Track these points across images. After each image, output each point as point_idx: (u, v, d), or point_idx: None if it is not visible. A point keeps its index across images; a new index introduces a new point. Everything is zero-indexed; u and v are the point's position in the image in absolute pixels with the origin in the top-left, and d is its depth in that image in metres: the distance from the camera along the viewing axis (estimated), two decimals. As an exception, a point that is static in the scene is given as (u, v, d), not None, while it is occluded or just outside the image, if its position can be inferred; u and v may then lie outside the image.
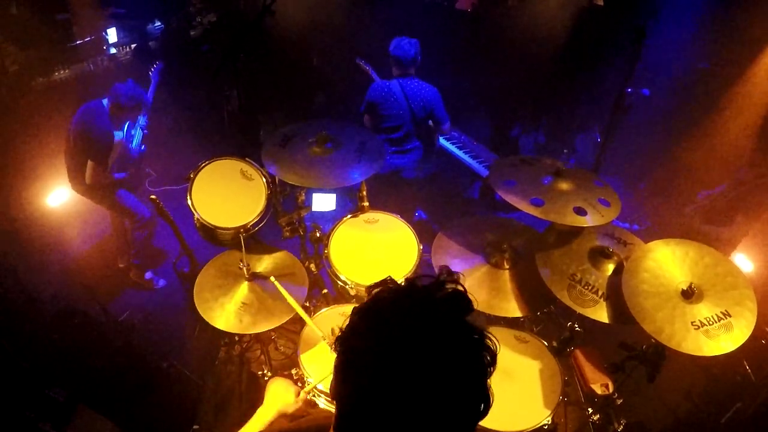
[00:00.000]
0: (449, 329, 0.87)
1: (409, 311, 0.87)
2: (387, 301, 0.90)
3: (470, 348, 0.88)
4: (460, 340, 0.87)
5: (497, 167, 3.15)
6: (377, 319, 0.89)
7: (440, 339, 0.85)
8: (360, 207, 3.05)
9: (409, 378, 0.82)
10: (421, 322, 0.86)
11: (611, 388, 2.55)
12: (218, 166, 2.83)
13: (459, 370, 0.85)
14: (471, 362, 0.88)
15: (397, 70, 3.80)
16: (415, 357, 0.83)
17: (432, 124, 3.97)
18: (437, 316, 0.87)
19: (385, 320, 0.88)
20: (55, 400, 2.75)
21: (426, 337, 0.84)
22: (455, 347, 0.86)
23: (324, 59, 5.82)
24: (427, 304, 0.89)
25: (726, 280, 2.26)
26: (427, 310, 0.87)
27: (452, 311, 0.89)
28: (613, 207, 2.47)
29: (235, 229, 2.73)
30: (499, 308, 2.55)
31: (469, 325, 0.89)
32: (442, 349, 0.84)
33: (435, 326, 0.86)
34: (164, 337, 3.63)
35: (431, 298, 0.89)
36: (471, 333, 0.88)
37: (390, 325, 0.86)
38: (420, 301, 0.89)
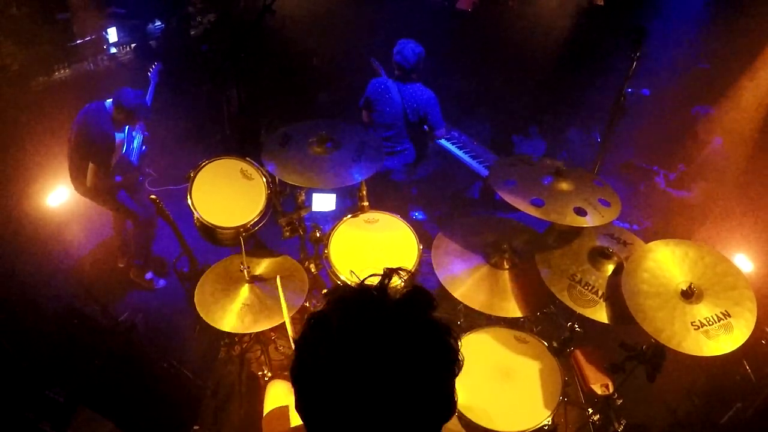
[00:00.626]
0: (404, 335, 0.82)
1: (358, 320, 0.83)
2: (337, 311, 0.86)
3: (430, 352, 0.84)
4: (418, 344, 0.83)
5: (497, 167, 3.15)
6: (326, 331, 0.84)
7: (395, 346, 0.81)
8: (360, 207, 3.05)
9: (363, 389, 0.79)
10: (372, 331, 0.82)
11: (611, 389, 2.55)
12: (218, 165, 2.83)
13: (418, 374, 0.82)
14: (431, 366, 0.84)
15: (398, 72, 3.81)
16: (367, 368, 0.79)
17: (427, 129, 3.98)
18: (391, 322, 0.83)
19: (334, 331, 0.83)
20: (54, 401, 2.74)
21: (378, 346, 0.80)
22: (412, 353, 0.82)
23: (324, 59, 5.82)
24: (380, 310, 0.84)
25: (726, 280, 2.26)
26: (379, 317, 0.83)
27: (410, 313, 0.85)
28: (613, 207, 2.47)
29: (235, 228, 2.73)
30: (499, 308, 2.55)
31: (430, 326, 0.85)
32: (397, 356, 0.80)
33: (388, 334, 0.82)
34: (164, 337, 3.63)
35: (384, 303, 0.86)
36: (431, 335, 0.85)
37: (339, 337, 0.82)
38: (372, 309, 0.85)
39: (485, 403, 2.28)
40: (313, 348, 0.85)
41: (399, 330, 0.83)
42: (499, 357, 2.51)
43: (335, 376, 0.81)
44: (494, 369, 2.45)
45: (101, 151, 3.55)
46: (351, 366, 0.80)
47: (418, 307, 0.86)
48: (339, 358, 0.81)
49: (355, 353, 0.80)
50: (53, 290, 3.78)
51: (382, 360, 0.80)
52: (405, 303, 0.86)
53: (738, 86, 3.96)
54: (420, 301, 0.87)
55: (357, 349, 0.81)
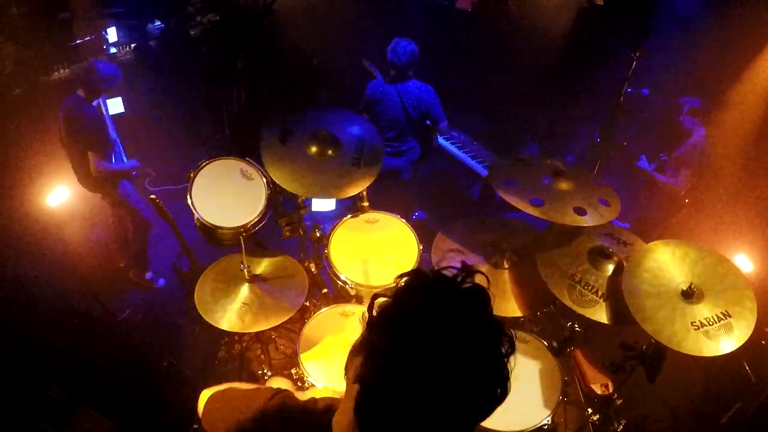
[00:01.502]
0: (473, 320, 0.93)
1: (439, 302, 0.92)
2: (419, 291, 0.95)
3: (491, 337, 0.94)
4: (483, 329, 0.93)
5: (497, 167, 3.15)
6: (410, 307, 0.93)
7: (465, 328, 0.91)
8: (360, 207, 3.05)
9: (435, 363, 0.87)
10: (448, 312, 0.91)
11: (611, 389, 2.55)
12: (218, 165, 2.83)
13: (481, 357, 0.92)
14: (492, 350, 0.93)
15: (393, 71, 3.80)
16: (442, 344, 0.88)
17: (429, 124, 3.98)
18: (463, 307, 0.93)
19: (417, 308, 0.92)
20: (54, 400, 2.74)
21: (452, 327, 0.90)
22: (478, 336, 0.92)
23: (324, 59, 5.82)
24: (455, 296, 0.94)
25: (726, 280, 2.26)
26: (454, 302, 0.93)
27: (475, 304, 0.95)
28: (613, 207, 2.47)
29: (235, 229, 2.73)
30: (499, 308, 2.55)
31: (490, 316, 0.96)
32: (466, 337, 0.90)
33: (461, 317, 0.92)
34: (164, 337, 3.63)
35: (458, 290, 0.95)
36: (492, 324, 0.95)
37: (422, 314, 0.91)
38: (448, 293, 0.94)
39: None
40: (398, 325, 0.92)
41: (472, 317, 0.93)
42: (499, 357, 2.50)
43: (416, 351, 0.88)
44: (494, 369, 2.45)
45: (94, 135, 3.57)
46: (432, 343, 0.88)
47: (482, 300, 0.97)
48: (423, 336, 0.89)
49: (437, 333, 0.89)
50: (53, 290, 3.77)
51: (458, 341, 0.89)
52: (472, 294, 0.97)
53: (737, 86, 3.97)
54: (484, 295, 0.98)
55: (439, 330, 0.89)
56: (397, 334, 0.91)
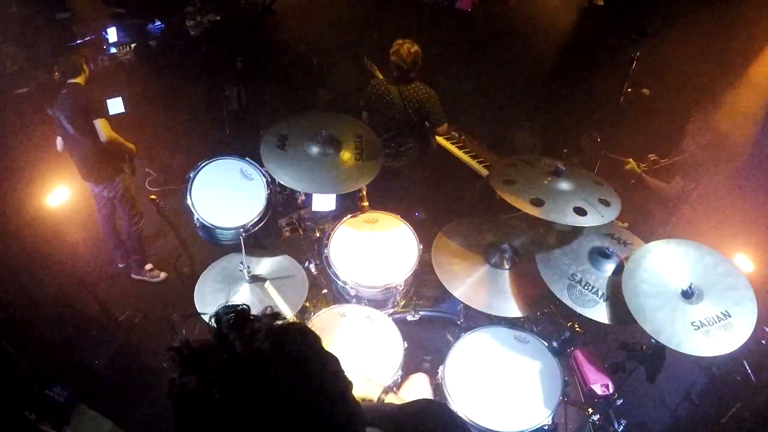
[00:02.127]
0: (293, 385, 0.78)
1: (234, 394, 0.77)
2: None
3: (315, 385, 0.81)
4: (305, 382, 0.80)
5: (497, 167, 3.15)
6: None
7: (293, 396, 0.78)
8: (360, 207, 3.05)
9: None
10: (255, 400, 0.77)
11: (611, 389, 2.55)
12: (218, 165, 2.83)
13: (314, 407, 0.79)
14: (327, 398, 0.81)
15: (396, 72, 3.80)
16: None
17: (429, 125, 3.98)
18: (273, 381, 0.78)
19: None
20: (55, 400, 2.75)
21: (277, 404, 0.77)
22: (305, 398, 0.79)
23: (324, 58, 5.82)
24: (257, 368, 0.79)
25: (726, 280, 2.26)
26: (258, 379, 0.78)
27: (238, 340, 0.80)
28: (613, 207, 2.47)
29: (235, 229, 2.73)
30: (499, 308, 2.55)
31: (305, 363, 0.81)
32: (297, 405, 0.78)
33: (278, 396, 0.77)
34: (164, 337, 3.63)
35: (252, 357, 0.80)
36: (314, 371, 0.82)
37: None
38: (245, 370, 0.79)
39: (485, 403, 2.29)
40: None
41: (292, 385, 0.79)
42: (499, 357, 2.51)
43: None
44: (494, 369, 2.45)
45: (97, 100, 3.71)
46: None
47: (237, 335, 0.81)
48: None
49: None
50: (53, 290, 3.78)
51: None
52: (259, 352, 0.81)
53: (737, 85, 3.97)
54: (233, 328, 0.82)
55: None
56: None
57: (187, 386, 0.81)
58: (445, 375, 2.40)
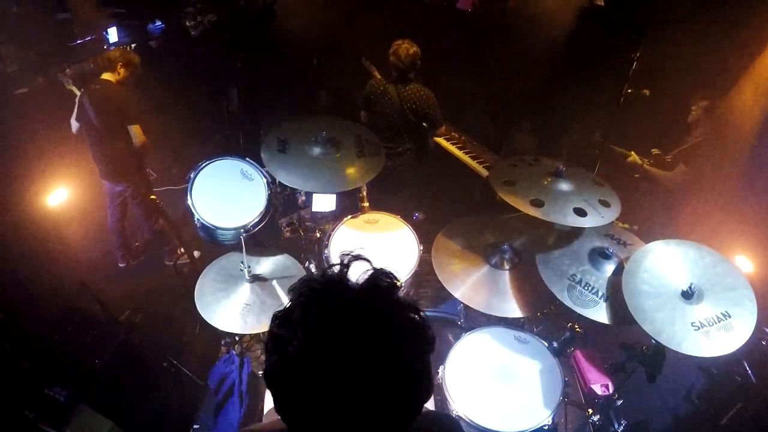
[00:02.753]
0: (368, 321, 0.83)
1: (320, 313, 0.84)
2: (298, 306, 0.87)
3: (397, 333, 0.84)
4: (385, 329, 0.84)
5: (497, 167, 3.15)
6: (290, 329, 0.85)
7: (361, 334, 0.82)
8: (360, 207, 3.06)
9: (337, 383, 0.80)
10: (335, 321, 0.82)
11: (611, 389, 2.55)
12: (218, 166, 2.83)
13: (390, 359, 0.83)
14: (400, 346, 0.84)
15: (395, 73, 3.80)
16: (336, 360, 0.80)
17: (426, 126, 3.98)
18: (354, 310, 0.84)
19: (298, 328, 0.83)
20: (55, 400, 2.74)
21: (343, 336, 0.81)
22: (380, 338, 0.83)
23: (324, 58, 5.82)
24: (341, 298, 0.86)
25: (726, 280, 2.26)
26: (341, 306, 0.84)
27: (372, 297, 0.86)
28: (613, 207, 2.48)
29: (235, 229, 2.73)
30: (499, 308, 2.55)
31: (394, 308, 0.86)
32: (364, 344, 0.81)
33: (352, 322, 0.82)
34: (164, 337, 3.63)
35: (344, 290, 0.87)
36: (397, 318, 0.86)
37: (304, 332, 0.83)
38: (332, 298, 0.86)
39: (485, 403, 2.29)
40: (281, 348, 0.84)
41: (363, 316, 0.83)
42: (499, 357, 2.51)
43: (308, 374, 0.81)
44: (494, 369, 2.45)
45: (135, 108, 3.76)
46: (321, 360, 0.80)
47: (379, 290, 0.87)
48: (307, 354, 0.81)
49: (321, 347, 0.81)
50: (53, 290, 3.78)
51: (350, 350, 0.81)
52: (366, 288, 0.87)
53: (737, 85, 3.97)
54: (381, 283, 0.88)
55: (323, 343, 0.81)
56: (285, 356, 0.83)
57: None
58: (445, 375, 2.40)
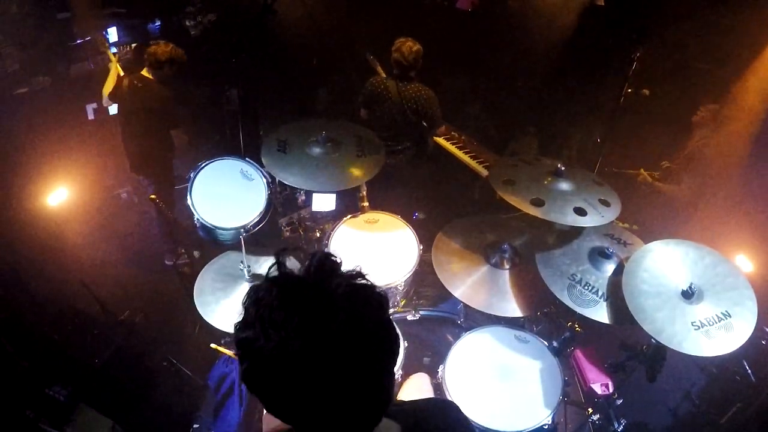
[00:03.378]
0: (321, 298, 0.86)
1: (280, 298, 0.89)
2: (256, 301, 0.93)
3: (349, 301, 0.86)
4: (334, 300, 0.86)
5: (497, 167, 3.15)
6: (257, 322, 0.89)
7: (317, 310, 0.84)
8: (360, 207, 3.06)
9: (311, 367, 0.83)
10: (295, 304, 0.86)
11: (611, 388, 2.55)
12: (218, 166, 2.83)
13: (363, 361, 0.85)
14: (374, 352, 0.87)
15: (396, 70, 3.80)
16: (306, 344, 0.82)
17: (426, 126, 3.98)
18: (307, 292, 0.87)
19: (263, 319, 0.88)
20: (55, 399, 2.74)
21: (305, 318, 0.84)
22: (333, 312, 0.84)
23: (324, 58, 5.82)
24: (296, 284, 0.90)
25: (726, 280, 2.26)
26: (298, 289, 0.88)
27: (322, 277, 0.88)
28: (613, 207, 2.48)
29: (235, 229, 2.73)
30: (499, 308, 2.55)
31: (342, 278, 0.88)
32: (324, 320, 0.83)
33: (307, 304, 0.85)
34: (164, 337, 3.63)
35: (295, 277, 0.91)
36: (346, 286, 0.87)
37: (269, 321, 0.87)
38: (287, 285, 0.90)
39: (485, 403, 2.29)
40: (248, 350, 0.89)
41: (308, 297, 0.86)
42: (499, 357, 2.51)
43: (276, 366, 0.84)
44: (494, 369, 2.45)
45: (176, 113, 3.76)
46: (282, 348, 0.83)
47: (323, 269, 0.90)
48: (270, 346, 0.84)
49: (279, 335, 0.84)
50: (53, 290, 3.78)
51: (305, 332, 0.83)
52: (310, 271, 0.90)
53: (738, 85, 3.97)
54: (324, 263, 0.90)
55: (279, 330, 0.84)
56: (262, 347, 0.87)
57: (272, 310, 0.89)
58: (445, 375, 2.40)
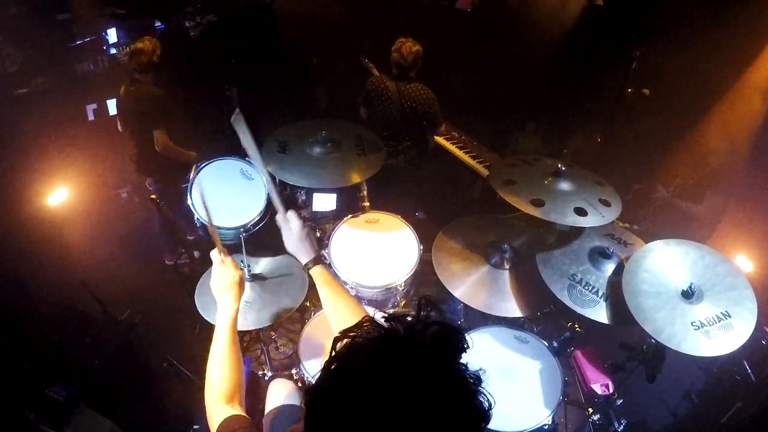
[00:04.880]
0: (439, 383, 0.77)
1: (390, 366, 0.77)
2: (363, 354, 0.80)
3: (464, 402, 0.80)
4: (452, 394, 0.78)
5: (497, 167, 3.15)
6: (353, 378, 0.79)
7: (431, 396, 0.76)
8: (360, 207, 3.06)
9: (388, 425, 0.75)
10: (405, 378, 0.76)
11: (611, 388, 2.55)
12: (218, 166, 2.83)
13: (445, 419, 0.77)
14: (465, 417, 0.80)
15: (396, 70, 3.81)
16: (393, 409, 0.75)
17: (426, 125, 3.98)
18: (425, 368, 0.77)
19: (363, 379, 0.77)
20: (55, 400, 2.74)
21: (413, 396, 0.75)
22: (447, 404, 0.77)
23: (324, 58, 5.82)
24: (412, 354, 0.78)
25: (726, 280, 2.26)
26: (412, 362, 0.77)
27: (441, 356, 0.79)
28: (613, 207, 2.48)
29: (235, 228, 2.73)
30: (499, 308, 2.55)
31: (461, 373, 0.80)
32: (433, 408, 0.76)
33: (423, 382, 0.76)
34: (164, 337, 3.63)
35: (416, 345, 0.80)
36: (464, 383, 0.80)
37: (368, 386, 0.77)
38: (403, 352, 0.79)
39: (485, 403, 2.28)
40: (336, 400, 0.79)
41: (428, 383, 0.77)
42: (499, 357, 2.51)
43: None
44: (494, 369, 2.45)
45: (159, 113, 3.80)
46: (387, 423, 0.75)
47: (450, 348, 0.81)
48: (364, 413, 0.76)
49: (391, 408, 0.75)
50: (53, 290, 3.77)
51: (423, 415, 0.76)
52: (436, 345, 0.81)
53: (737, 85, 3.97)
54: (452, 339, 0.82)
55: (394, 403, 0.75)
56: (339, 414, 0.78)
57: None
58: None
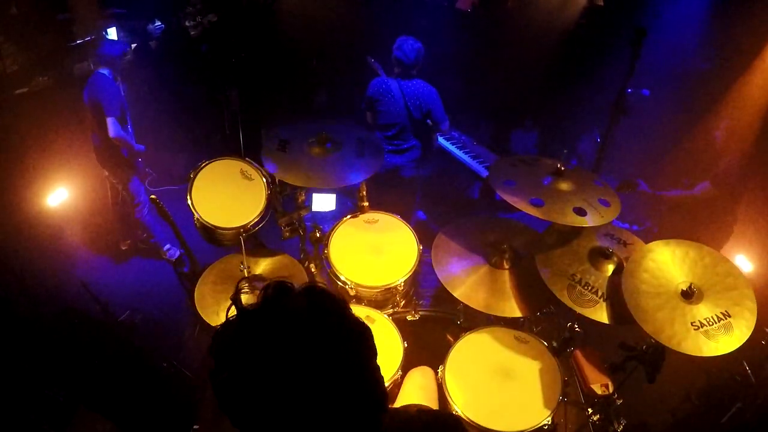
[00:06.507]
0: (316, 334, 0.88)
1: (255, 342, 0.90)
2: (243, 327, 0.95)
3: (344, 341, 0.90)
4: (331, 338, 0.89)
5: (497, 167, 3.15)
6: (232, 358, 0.92)
7: (295, 350, 0.86)
8: (360, 207, 3.05)
9: (293, 396, 0.85)
10: (273, 342, 0.87)
11: (611, 389, 2.55)
12: (218, 166, 2.83)
13: (340, 369, 0.87)
14: (349, 356, 0.90)
15: (398, 69, 3.81)
16: (290, 374, 0.85)
17: (431, 124, 3.98)
18: (303, 324, 0.89)
19: (239, 356, 0.90)
20: (55, 401, 2.75)
21: (282, 354, 0.86)
22: (327, 350, 0.87)
23: (324, 58, 5.82)
24: (289, 314, 0.91)
25: (726, 280, 2.26)
26: (291, 321, 0.89)
27: (315, 311, 0.91)
28: (613, 207, 2.47)
29: (235, 229, 2.73)
30: (499, 308, 2.55)
31: (334, 317, 0.92)
32: (298, 360, 0.86)
33: (284, 341, 0.87)
34: (164, 337, 3.63)
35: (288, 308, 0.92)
36: (340, 325, 0.91)
37: (245, 358, 0.89)
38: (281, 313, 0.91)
39: (485, 403, 2.29)
40: (228, 381, 0.91)
41: (315, 332, 0.88)
42: (499, 357, 2.51)
43: (256, 398, 0.87)
44: (494, 369, 2.45)
45: (109, 98, 3.83)
46: (278, 376, 0.85)
47: (321, 301, 0.93)
48: (252, 379, 0.87)
49: (261, 372, 0.86)
50: (53, 290, 3.78)
51: (290, 367, 0.85)
52: (308, 301, 0.92)
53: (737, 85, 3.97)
54: (316, 293, 0.94)
55: (262, 367, 0.86)
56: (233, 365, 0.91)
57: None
58: (444, 375, 2.40)
